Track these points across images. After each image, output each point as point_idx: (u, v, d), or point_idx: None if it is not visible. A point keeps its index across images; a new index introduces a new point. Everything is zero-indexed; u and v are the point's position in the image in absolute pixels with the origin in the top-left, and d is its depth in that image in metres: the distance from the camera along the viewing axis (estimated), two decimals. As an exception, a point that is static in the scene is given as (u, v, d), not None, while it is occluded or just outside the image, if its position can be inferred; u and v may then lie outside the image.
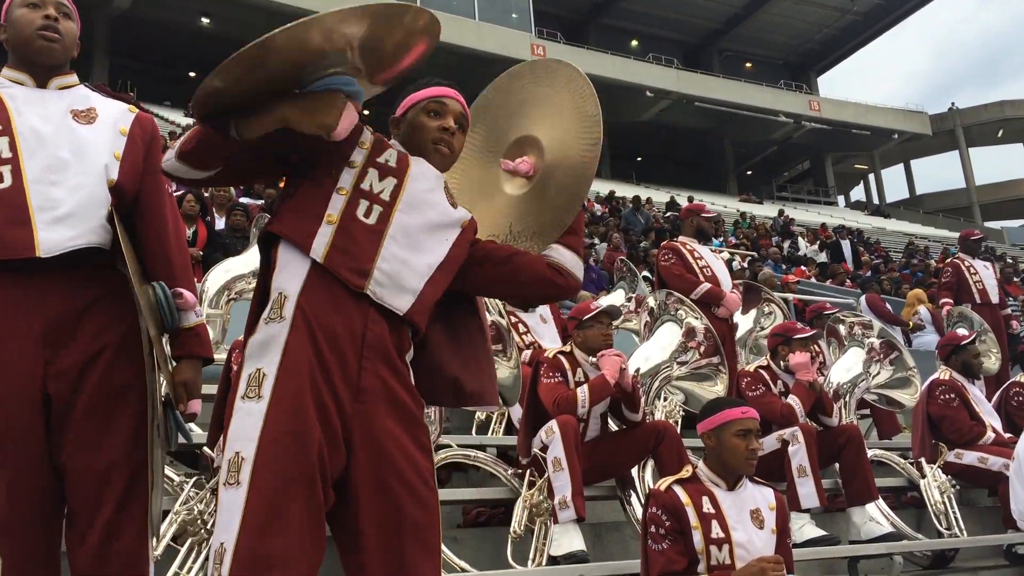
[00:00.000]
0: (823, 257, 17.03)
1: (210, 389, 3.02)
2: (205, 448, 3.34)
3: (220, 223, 7.37)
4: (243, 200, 8.77)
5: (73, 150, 2.01)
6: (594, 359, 4.00)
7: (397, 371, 1.91)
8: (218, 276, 4.56)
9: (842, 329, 5.37)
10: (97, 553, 1.92)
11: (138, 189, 2.12)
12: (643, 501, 3.68)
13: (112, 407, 1.97)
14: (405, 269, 1.90)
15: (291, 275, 1.86)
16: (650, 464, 4.10)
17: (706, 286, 5.57)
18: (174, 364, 2.12)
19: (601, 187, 25.25)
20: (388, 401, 1.87)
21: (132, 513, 1.98)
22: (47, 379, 1.91)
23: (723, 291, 5.61)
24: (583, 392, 3.86)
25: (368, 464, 1.82)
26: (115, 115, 2.15)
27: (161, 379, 2.09)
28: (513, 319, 5.21)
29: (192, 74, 30.78)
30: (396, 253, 1.90)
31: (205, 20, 28.02)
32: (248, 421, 1.76)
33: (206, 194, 7.38)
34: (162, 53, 29.18)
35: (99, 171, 2.03)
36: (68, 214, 1.95)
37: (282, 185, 2.10)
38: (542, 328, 5.54)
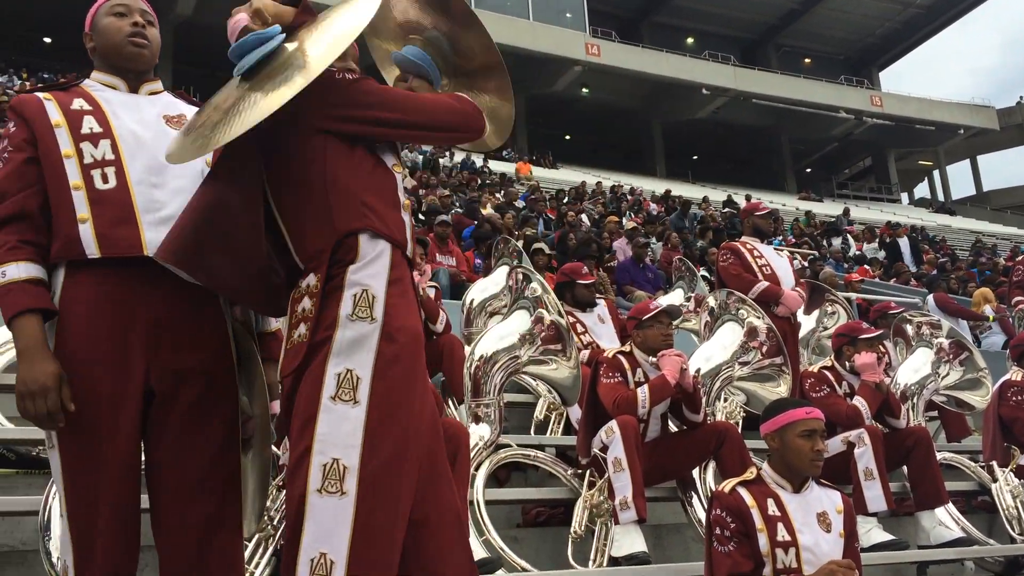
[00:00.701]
0: (883, 255, 16.56)
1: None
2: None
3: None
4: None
5: None
6: (654, 359, 3.97)
7: None
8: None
9: (910, 329, 5.24)
10: (196, 550, 1.93)
11: None
12: (705, 503, 3.65)
13: (213, 405, 2.00)
14: None
15: (375, 272, 1.82)
16: (712, 465, 4.06)
17: (763, 284, 5.48)
18: None
19: (657, 186, 25.07)
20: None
21: (231, 511, 2.00)
22: (150, 375, 1.94)
23: (781, 289, 5.52)
24: (643, 392, 3.83)
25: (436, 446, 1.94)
26: None
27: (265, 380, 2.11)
28: (571, 319, 5.20)
29: (252, 79, 31.32)
30: None
31: (264, 26, 28.45)
32: (345, 427, 1.74)
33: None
34: (224, 59, 29.06)
35: (196, 175, 2.07)
36: (172, 215, 1.99)
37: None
38: (600, 328, 5.51)
